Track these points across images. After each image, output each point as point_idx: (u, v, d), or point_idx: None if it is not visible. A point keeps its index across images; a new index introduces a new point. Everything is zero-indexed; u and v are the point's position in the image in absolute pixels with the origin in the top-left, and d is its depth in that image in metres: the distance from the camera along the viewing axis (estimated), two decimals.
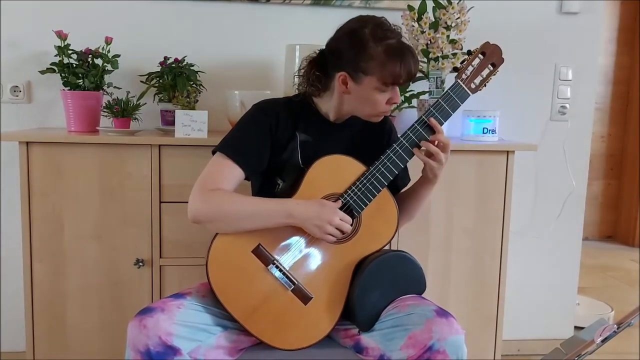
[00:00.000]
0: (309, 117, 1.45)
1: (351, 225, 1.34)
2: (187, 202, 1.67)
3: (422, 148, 1.39)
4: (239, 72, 2.15)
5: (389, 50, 1.32)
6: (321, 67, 1.42)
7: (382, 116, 1.43)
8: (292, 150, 1.42)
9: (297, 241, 1.35)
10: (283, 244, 1.35)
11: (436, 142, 1.38)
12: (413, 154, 1.38)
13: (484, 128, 2.02)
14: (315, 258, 1.36)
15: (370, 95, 1.36)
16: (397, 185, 1.54)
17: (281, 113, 1.42)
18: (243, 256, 1.32)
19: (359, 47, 1.33)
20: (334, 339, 1.41)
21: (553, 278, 2.44)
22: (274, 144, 1.41)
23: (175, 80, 1.93)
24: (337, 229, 1.31)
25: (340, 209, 1.34)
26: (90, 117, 1.89)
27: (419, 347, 1.22)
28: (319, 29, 1.45)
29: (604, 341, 1.11)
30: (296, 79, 1.48)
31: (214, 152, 1.40)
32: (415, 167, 1.49)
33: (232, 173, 1.36)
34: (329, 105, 1.45)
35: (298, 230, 1.35)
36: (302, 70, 1.46)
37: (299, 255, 1.35)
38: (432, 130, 1.38)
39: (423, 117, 1.39)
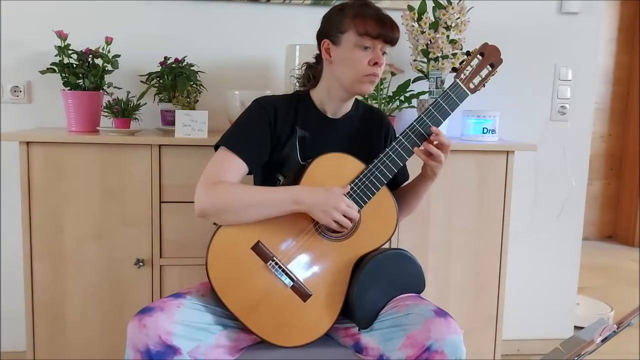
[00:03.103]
0: (308, 113, 1.46)
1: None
2: (187, 202, 1.67)
3: (422, 148, 1.40)
4: (239, 72, 2.15)
5: (366, 10, 1.37)
6: (315, 60, 1.49)
7: (368, 83, 1.40)
8: (291, 146, 1.43)
9: (296, 238, 1.35)
10: (282, 241, 1.35)
11: (436, 143, 1.39)
12: (412, 153, 1.39)
13: (484, 128, 2.02)
14: (315, 256, 1.36)
15: (350, 54, 1.37)
16: (397, 181, 1.56)
17: (280, 108, 1.44)
18: (242, 253, 1.32)
19: (339, 13, 1.39)
20: (333, 338, 1.41)
21: (553, 278, 2.44)
22: (273, 138, 1.42)
23: (176, 81, 1.93)
24: (343, 215, 1.31)
25: None
26: (91, 117, 1.89)
27: (417, 347, 1.22)
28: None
29: (603, 341, 1.11)
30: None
31: (216, 147, 1.41)
32: (414, 164, 1.49)
33: (235, 166, 1.37)
34: (321, 95, 1.47)
35: (298, 228, 1.35)
36: (299, 71, 1.52)
37: (299, 253, 1.35)
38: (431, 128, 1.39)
39: (422, 115, 1.39)
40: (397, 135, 1.40)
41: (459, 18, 2.00)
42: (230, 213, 1.31)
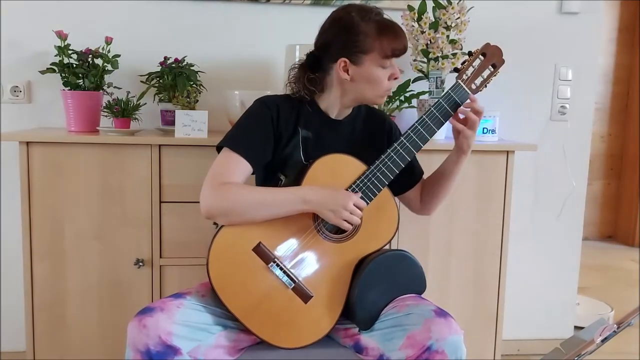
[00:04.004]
0: (310, 113, 1.47)
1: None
2: (187, 202, 1.66)
3: (461, 115, 1.42)
4: (239, 72, 2.15)
5: (381, 25, 1.37)
6: (314, 68, 1.45)
7: (385, 96, 1.45)
8: (294, 146, 1.43)
9: (297, 240, 1.35)
10: (284, 242, 1.35)
11: (469, 110, 1.41)
12: (414, 154, 1.40)
13: (484, 128, 2.02)
14: (316, 257, 1.36)
15: (373, 73, 1.38)
16: (415, 178, 1.58)
17: (282, 107, 1.44)
18: (244, 254, 1.32)
19: (352, 30, 1.37)
20: (334, 338, 1.41)
21: (553, 278, 2.44)
22: (276, 136, 1.42)
23: (175, 80, 1.93)
24: (351, 214, 1.31)
25: None
26: (91, 117, 1.89)
27: (417, 347, 1.22)
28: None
29: (603, 341, 1.11)
30: (288, 89, 1.49)
31: (219, 147, 1.41)
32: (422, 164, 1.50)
33: (240, 167, 1.37)
34: (328, 102, 1.47)
35: (299, 229, 1.35)
36: (293, 77, 1.48)
37: (300, 254, 1.35)
38: (433, 131, 1.39)
39: (424, 117, 1.39)
40: (399, 136, 1.41)
41: (459, 18, 2.00)
42: (237, 214, 1.31)
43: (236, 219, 1.32)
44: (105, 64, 1.91)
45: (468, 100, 1.41)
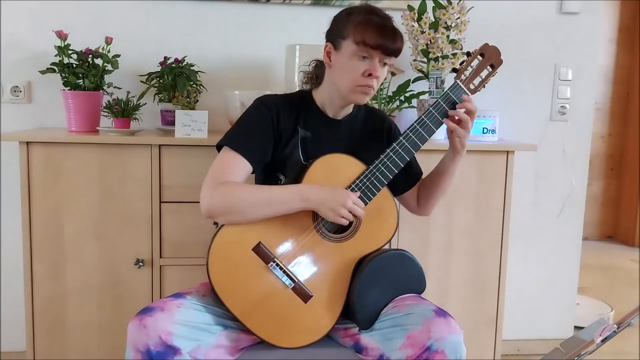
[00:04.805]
0: (310, 113, 1.47)
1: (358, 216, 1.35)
2: (187, 202, 1.66)
3: (455, 117, 1.41)
4: (239, 72, 2.15)
5: (369, 20, 1.36)
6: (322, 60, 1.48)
7: (361, 93, 1.39)
8: (293, 146, 1.43)
9: (297, 239, 1.35)
10: (284, 242, 1.35)
11: (463, 110, 1.40)
12: (413, 153, 1.40)
13: (484, 128, 2.02)
14: (316, 256, 1.36)
15: (347, 62, 1.37)
16: (414, 177, 1.58)
17: (282, 107, 1.44)
18: (243, 254, 1.32)
19: (345, 18, 1.39)
20: (333, 338, 1.41)
21: (553, 278, 2.44)
22: (276, 136, 1.42)
23: (175, 80, 1.93)
24: (350, 212, 1.31)
25: None
26: (91, 117, 1.89)
27: (417, 347, 1.22)
28: (319, 29, 1.46)
29: (603, 341, 1.11)
30: (300, 75, 1.51)
31: (219, 146, 1.41)
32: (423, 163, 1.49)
33: (240, 166, 1.37)
34: (322, 96, 1.47)
35: (299, 229, 1.35)
36: (307, 67, 1.51)
37: (300, 254, 1.35)
38: (432, 131, 1.40)
39: (423, 116, 1.39)
40: (399, 136, 1.40)
41: (459, 18, 2.00)
42: (237, 213, 1.31)
43: (236, 217, 1.32)
44: (105, 64, 1.91)
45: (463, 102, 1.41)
